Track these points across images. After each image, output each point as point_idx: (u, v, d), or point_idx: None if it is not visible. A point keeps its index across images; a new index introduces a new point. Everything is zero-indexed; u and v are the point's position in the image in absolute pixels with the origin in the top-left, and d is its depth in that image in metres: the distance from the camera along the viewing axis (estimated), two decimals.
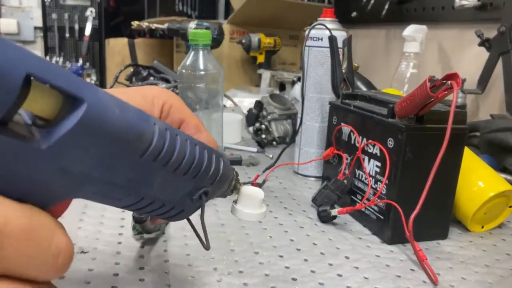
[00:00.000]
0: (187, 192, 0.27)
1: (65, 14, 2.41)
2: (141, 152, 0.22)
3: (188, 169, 0.25)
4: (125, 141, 0.20)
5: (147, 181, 0.24)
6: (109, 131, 0.19)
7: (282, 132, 0.95)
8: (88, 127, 0.18)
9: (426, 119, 0.49)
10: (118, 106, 0.20)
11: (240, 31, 1.46)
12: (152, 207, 0.26)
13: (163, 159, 0.23)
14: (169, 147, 0.23)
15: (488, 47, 0.97)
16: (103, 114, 0.19)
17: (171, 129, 0.24)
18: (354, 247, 0.50)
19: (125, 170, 0.22)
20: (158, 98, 0.32)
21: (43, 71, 0.16)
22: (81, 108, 0.18)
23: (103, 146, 0.19)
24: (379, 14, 1.34)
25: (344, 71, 0.64)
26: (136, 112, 0.22)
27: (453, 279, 0.44)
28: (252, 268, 0.44)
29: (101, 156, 0.20)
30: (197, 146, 0.26)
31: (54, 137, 0.17)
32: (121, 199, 0.24)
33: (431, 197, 0.47)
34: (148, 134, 0.22)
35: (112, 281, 0.40)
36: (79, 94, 0.18)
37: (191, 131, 0.33)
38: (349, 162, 0.59)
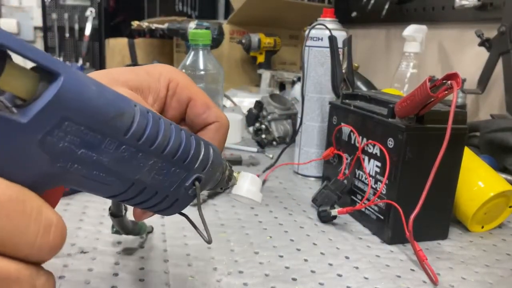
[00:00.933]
0: (179, 179, 0.27)
1: (65, 14, 2.41)
2: (124, 131, 0.22)
3: (175, 153, 0.25)
4: (105, 117, 0.20)
5: (136, 164, 0.23)
6: (88, 105, 0.19)
7: (282, 132, 0.95)
8: (66, 100, 0.18)
9: (426, 119, 0.48)
10: (95, 85, 0.20)
11: (240, 31, 1.46)
12: (145, 196, 0.25)
13: (148, 139, 0.23)
14: (152, 128, 0.23)
15: (488, 47, 0.97)
16: (80, 88, 0.19)
17: (154, 113, 0.24)
18: (354, 247, 0.50)
19: (111, 149, 0.22)
20: (164, 75, 0.32)
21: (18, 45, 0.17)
22: (58, 81, 0.18)
23: (83, 121, 0.20)
24: (379, 14, 1.34)
25: (344, 71, 0.64)
26: (115, 93, 0.22)
27: (453, 279, 0.44)
28: (252, 268, 0.44)
29: (82, 132, 0.20)
30: (182, 131, 0.26)
31: (33, 110, 0.18)
32: (111, 185, 0.23)
33: (431, 197, 0.47)
34: (129, 113, 0.22)
35: (112, 281, 0.40)
36: (55, 68, 0.18)
37: (200, 110, 0.32)
38: (349, 162, 0.59)
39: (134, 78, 0.30)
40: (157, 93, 0.31)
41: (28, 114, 0.18)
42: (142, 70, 0.31)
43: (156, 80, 0.31)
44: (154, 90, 0.31)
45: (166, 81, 0.32)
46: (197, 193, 0.28)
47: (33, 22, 2.48)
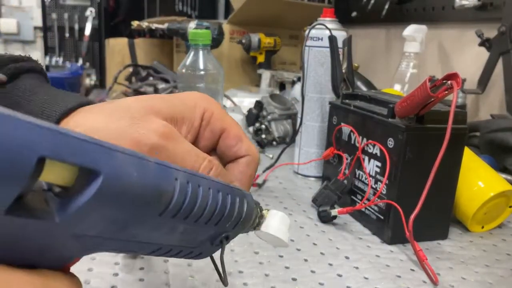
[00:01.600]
0: (207, 237, 0.26)
1: (65, 14, 2.41)
2: (160, 212, 0.21)
3: (209, 219, 0.24)
4: (143, 205, 0.20)
5: (165, 235, 0.23)
6: (126, 197, 0.19)
7: (282, 132, 0.94)
8: (104, 198, 0.18)
9: (426, 119, 0.48)
10: (136, 168, 0.19)
11: (240, 31, 1.46)
12: (170, 253, 0.25)
13: (183, 214, 0.22)
14: (190, 202, 0.22)
15: (488, 47, 0.97)
16: (120, 182, 0.18)
17: (194, 179, 0.23)
18: (354, 247, 0.50)
19: (143, 230, 0.21)
20: (199, 105, 0.31)
21: (55, 151, 0.16)
22: (97, 180, 0.17)
23: (120, 212, 0.19)
24: (379, 14, 1.34)
25: (344, 71, 0.64)
26: (157, 170, 0.21)
27: (453, 279, 0.44)
28: (252, 268, 0.44)
29: (118, 221, 0.19)
30: (220, 192, 0.25)
31: (70, 210, 0.17)
32: (137, 252, 0.23)
33: (431, 197, 0.46)
34: (168, 192, 0.21)
35: (112, 281, 0.40)
36: (94, 166, 0.17)
37: (232, 142, 0.32)
38: (349, 162, 0.59)
39: (169, 108, 0.29)
40: (191, 123, 0.31)
41: (64, 213, 0.17)
42: (177, 99, 0.31)
43: (191, 110, 0.31)
44: (188, 120, 0.30)
45: (201, 111, 0.31)
46: (222, 248, 0.28)
47: (33, 22, 2.48)
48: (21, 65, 0.31)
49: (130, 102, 0.29)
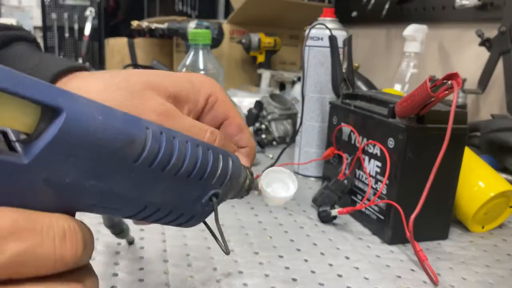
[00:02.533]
0: (195, 196, 0.26)
1: (64, 13, 2.41)
2: (134, 158, 0.21)
3: (191, 172, 0.24)
4: (113, 148, 0.19)
5: (147, 188, 0.22)
6: (93, 139, 0.18)
7: (282, 132, 0.94)
8: (69, 136, 0.18)
9: (426, 119, 0.48)
10: (102, 112, 0.19)
11: (240, 31, 1.46)
12: (159, 215, 0.25)
13: (160, 164, 0.22)
14: (166, 151, 0.22)
15: (489, 47, 0.97)
16: (84, 122, 0.18)
17: (168, 131, 0.23)
18: (355, 248, 0.50)
19: (120, 178, 0.21)
20: (205, 88, 0.31)
21: (12, 84, 0.16)
22: (60, 118, 0.17)
23: (90, 155, 0.19)
24: (380, 13, 1.34)
25: (345, 71, 0.64)
26: (125, 117, 0.20)
27: (453, 279, 0.44)
28: (252, 269, 0.44)
29: (89, 166, 0.19)
30: (199, 146, 0.25)
31: (35, 150, 0.17)
32: (121, 209, 0.23)
33: (432, 197, 0.46)
34: (139, 139, 0.21)
35: (111, 282, 0.40)
36: (56, 103, 0.17)
37: (234, 131, 0.32)
38: (350, 162, 0.59)
39: (174, 85, 0.29)
40: (195, 104, 0.31)
41: (30, 154, 0.17)
42: (184, 77, 0.31)
43: (197, 91, 0.30)
44: (192, 100, 0.30)
45: (206, 94, 0.31)
46: (214, 209, 0.27)
47: (33, 21, 2.48)
48: (13, 33, 0.31)
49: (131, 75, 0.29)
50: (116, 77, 0.28)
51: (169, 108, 0.28)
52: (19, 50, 0.30)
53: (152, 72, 0.30)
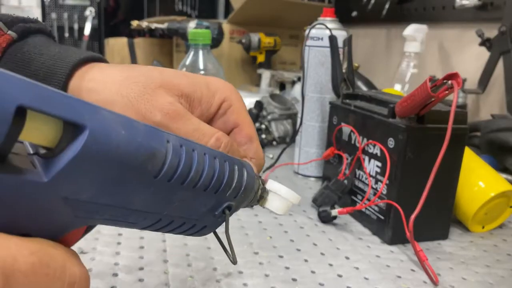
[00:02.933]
0: (209, 208, 0.25)
1: (64, 13, 2.41)
2: (154, 174, 0.20)
3: (208, 185, 0.24)
4: (134, 164, 0.19)
5: (164, 202, 0.22)
6: (115, 155, 0.18)
7: (282, 132, 0.94)
8: (91, 154, 0.17)
9: (426, 119, 0.48)
10: (124, 127, 0.19)
11: (240, 31, 1.46)
12: (172, 226, 0.25)
13: (179, 178, 0.22)
14: (185, 165, 0.22)
15: (489, 47, 0.97)
16: (107, 138, 0.18)
17: (187, 143, 0.23)
18: (355, 248, 0.50)
19: (138, 194, 0.20)
20: (221, 92, 0.31)
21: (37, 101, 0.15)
22: (83, 135, 0.17)
23: (110, 171, 0.18)
24: (380, 13, 1.34)
25: (345, 71, 0.64)
26: (147, 131, 0.20)
27: (453, 279, 0.44)
28: (252, 269, 0.44)
29: (109, 182, 0.19)
30: (216, 159, 0.24)
31: (56, 168, 0.17)
32: (136, 223, 0.22)
33: (432, 197, 0.46)
34: (160, 153, 0.20)
35: (111, 282, 0.40)
36: (79, 120, 0.17)
37: (243, 139, 0.31)
38: (350, 162, 0.59)
39: (189, 85, 0.29)
40: (207, 107, 0.30)
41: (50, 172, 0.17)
42: (201, 79, 0.30)
43: (211, 95, 0.30)
44: (205, 103, 0.30)
45: (220, 99, 0.31)
46: (226, 220, 0.27)
47: None
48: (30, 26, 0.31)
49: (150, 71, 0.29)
50: (135, 71, 0.29)
51: (177, 108, 0.28)
52: (38, 41, 0.30)
53: (170, 71, 0.30)
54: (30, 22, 0.31)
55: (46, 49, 0.29)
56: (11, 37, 0.29)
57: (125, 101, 0.27)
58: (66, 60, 0.28)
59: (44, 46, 0.30)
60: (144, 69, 0.29)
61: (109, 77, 0.28)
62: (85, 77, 0.28)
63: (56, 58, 0.29)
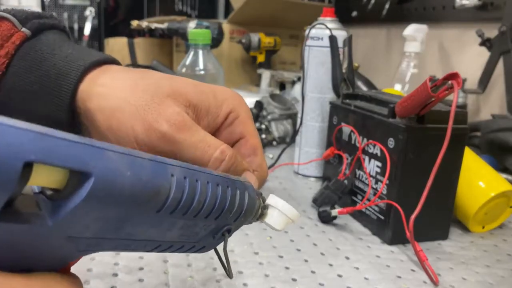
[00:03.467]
0: (208, 232, 0.26)
1: (64, 13, 2.41)
2: (157, 209, 0.21)
3: (209, 213, 0.24)
4: (139, 202, 0.19)
5: (164, 231, 0.23)
6: (121, 197, 0.18)
7: (282, 132, 0.94)
8: (97, 199, 0.17)
9: (426, 119, 0.48)
10: (130, 167, 0.19)
11: (240, 31, 1.46)
12: (171, 249, 0.25)
13: (181, 210, 0.22)
14: (188, 197, 0.22)
15: (489, 47, 0.97)
16: (112, 182, 0.18)
17: (191, 174, 0.23)
18: (355, 248, 0.50)
19: (140, 227, 0.21)
20: (228, 103, 0.30)
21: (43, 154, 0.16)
22: (88, 182, 0.17)
23: (115, 211, 0.19)
24: (380, 13, 1.34)
25: (345, 70, 0.64)
26: (152, 167, 0.20)
27: (453, 279, 0.44)
28: (252, 269, 0.44)
29: (113, 220, 0.19)
30: (219, 186, 0.25)
31: (61, 213, 0.17)
32: (136, 249, 0.23)
33: (432, 197, 0.46)
34: (164, 189, 0.21)
35: (111, 282, 0.40)
36: (84, 168, 0.17)
37: (247, 151, 0.31)
38: (350, 162, 0.59)
39: (197, 95, 0.29)
40: (214, 118, 0.30)
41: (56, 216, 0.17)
42: (209, 89, 0.30)
43: (218, 106, 0.30)
44: (212, 114, 0.30)
45: (227, 110, 0.30)
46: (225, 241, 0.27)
47: None
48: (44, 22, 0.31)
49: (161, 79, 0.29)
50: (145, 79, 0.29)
51: (184, 119, 0.28)
52: (52, 39, 0.30)
53: (179, 79, 0.30)
54: (45, 17, 0.31)
55: (58, 48, 0.29)
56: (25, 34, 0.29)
57: (133, 109, 0.27)
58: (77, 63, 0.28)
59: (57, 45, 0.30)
60: (155, 76, 0.29)
61: (118, 83, 0.28)
62: (96, 82, 0.28)
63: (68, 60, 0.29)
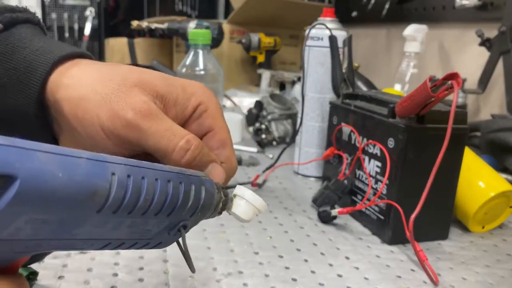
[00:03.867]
0: (162, 229, 0.25)
1: (64, 13, 2.41)
2: (96, 209, 0.20)
3: (159, 210, 0.23)
4: (73, 205, 0.19)
5: (110, 230, 0.22)
6: (52, 200, 0.18)
7: (282, 132, 0.94)
8: (24, 202, 0.17)
9: (426, 119, 0.48)
10: (62, 168, 0.18)
11: (240, 31, 1.46)
12: (124, 246, 0.24)
13: (126, 209, 0.21)
14: (132, 196, 0.21)
15: (489, 47, 0.97)
16: (41, 185, 0.17)
17: (137, 171, 0.22)
18: (355, 248, 0.50)
19: (81, 227, 0.20)
20: (197, 96, 0.31)
21: None
22: (14, 185, 0.16)
23: (48, 215, 0.18)
24: (380, 13, 1.34)
25: (345, 70, 0.64)
26: (88, 167, 0.20)
27: (453, 279, 0.44)
28: (252, 269, 0.44)
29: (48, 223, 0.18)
30: (170, 182, 0.24)
31: None
32: (83, 248, 0.22)
33: (432, 197, 0.46)
34: (103, 189, 0.20)
35: (111, 281, 0.40)
36: (9, 171, 0.16)
37: (215, 144, 0.31)
38: (350, 162, 0.59)
39: (164, 86, 0.29)
40: (182, 110, 0.30)
41: None
42: (177, 82, 0.31)
43: (187, 97, 0.30)
44: (180, 105, 0.30)
45: (196, 103, 0.31)
46: (182, 237, 0.26)
47: None
48: (17, 15, 0.31)
49: (129, 71, 0.29)
50: (114, 70, 0.29)
51: (150, 107, 0.28)
52: (24, 32, 0.30)
53: (148, 72, 0.30)
54: (18, 11, 0.31)
55: (29, 42, 0.29)
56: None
57: (99, 98, 0.27)
58: (48, 56, 0.28)
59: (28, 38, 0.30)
60: (123, 68, 0.29)
61: (87, 74, 0.29)
62: (65, 74, 0.29)
63: (39, 53, 0.29)
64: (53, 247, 0.21)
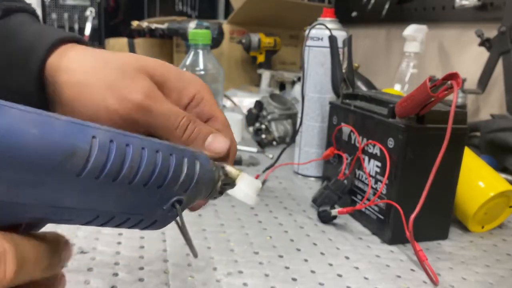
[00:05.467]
0: (154, 203, 0.24)
1: (64, 14, 2.41)
2: (76, 172, 0.19)
3: (147, 181, 0.23)
4: (49, 164, 0.18)
5: (96, 199, 0.21)
6: (25, 157, 0.17)
7: (282, 132, 0.94)
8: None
9: (426, 119, 0.48)
10: (37, 125, 0.18)
11: (240, 31, 1.46)
12: (115, 221, 0.24)
13: (109, 175, 0.20)
14: (115, 161, 0.21)
15: (489, 47, 0.97)
16: (13, 138, 0.17)
17: (121, 138, 0.21)
18: (354, 247, 0.50)
19: (64, 192, 0.20)
20: (194, 84, 0.32)
21: None
22: None
23: (23, 173, 0.18)
24: (380, 13, 1.34)
25: (344, 71, 0.64)
26: (66, 127, 0.19)
27: (453, 279, 0.44)
28: (252, 268, 0.44)
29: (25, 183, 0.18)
30: (159, 153, 0.23)
31: None
32: (72, 220, 0.22)
33: (432, 197, 0.46)
34: (82, 150, 0.19)
35: (111, 281, 0.40)
36: None
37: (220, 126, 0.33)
38: (349, 162, 0.59)
39: (163, 72, 0.31)
40: (179, 96, 0.32)
41: None
42: (176, 70, 0.32)
43: (184, 86, 0.32)
44: (178, 92, 0.32)
45: (193, 91, 0.32)
46: (178, 214, 0.26)
47: None
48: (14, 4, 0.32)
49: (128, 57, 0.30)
50: (114, 57, 0.30)
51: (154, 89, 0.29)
52: (20, 19, 0.31)
53: (147, 58, 0.31)
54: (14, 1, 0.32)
55: (28, 27, 0.30)
56: None
57: (101, 83, 0.28)
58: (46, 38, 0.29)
59: (27, 24, 0.31)
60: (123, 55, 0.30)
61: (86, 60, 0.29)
62: (64, 56, 0.29)
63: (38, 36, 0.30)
64: (32, 215, 0.20)
